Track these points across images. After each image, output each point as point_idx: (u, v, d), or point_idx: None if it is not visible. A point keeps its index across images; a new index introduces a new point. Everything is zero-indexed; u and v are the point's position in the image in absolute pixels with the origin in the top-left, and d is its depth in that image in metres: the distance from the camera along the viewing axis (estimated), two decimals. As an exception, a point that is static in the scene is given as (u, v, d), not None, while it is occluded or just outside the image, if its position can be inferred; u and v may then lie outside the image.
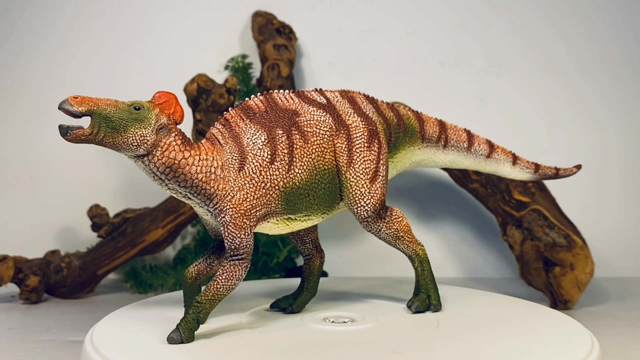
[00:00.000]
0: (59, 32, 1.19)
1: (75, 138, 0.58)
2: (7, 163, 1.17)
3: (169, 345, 0.60)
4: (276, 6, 1.21)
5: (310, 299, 0.75)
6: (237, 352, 0.59)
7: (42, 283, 0.96)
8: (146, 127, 0.59)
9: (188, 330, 0.61)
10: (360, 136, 0.69)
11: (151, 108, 0.60)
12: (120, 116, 0.59)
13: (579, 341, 0.62)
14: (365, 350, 0.60)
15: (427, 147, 0.77)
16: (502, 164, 0.80)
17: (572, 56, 1.22)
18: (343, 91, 0.72)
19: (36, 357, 0.71)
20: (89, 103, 0.58)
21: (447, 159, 0.79)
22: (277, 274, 1.04)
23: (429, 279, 0.73)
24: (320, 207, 0.68)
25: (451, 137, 0.78)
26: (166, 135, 0.61)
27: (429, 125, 0.77)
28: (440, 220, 1.19)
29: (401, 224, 0.71)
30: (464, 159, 0.79)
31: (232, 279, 0.62)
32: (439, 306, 0.72)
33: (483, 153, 0.79)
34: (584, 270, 0.93)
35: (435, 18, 1.22)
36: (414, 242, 0.72)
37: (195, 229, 1.13)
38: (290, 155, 0.64)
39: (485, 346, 0.61)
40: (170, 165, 0.61)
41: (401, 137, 0.75)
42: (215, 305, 0.62)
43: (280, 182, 0.64)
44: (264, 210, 0.63)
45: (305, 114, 0.67)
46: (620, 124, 1.20)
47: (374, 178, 0.69)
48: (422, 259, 0.73)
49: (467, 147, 0.79)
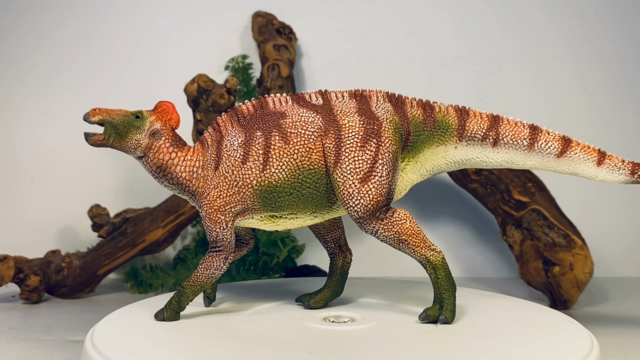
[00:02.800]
0: (59, 32, 1.19)
1: (93, 142, 0.70)
2: (7, 163, 1.17)
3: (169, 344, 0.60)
4: (276, 6, 1.21)
5: (331, 297, 0.75)
6: (237, 352, 0.59)
7: (43, 283, 0.96)
8: (140, 133, 0.69)
9: (170, 310, 0.69)
10: (353, 136, 0.68)
11: (147, 116, 0.70)
12: (124, 124, 0.69)
13: (578, 341, 0.63)
14: (365, 350, 0.60)
15: (469, 145, 0.72)
16: (582, 164, 0.72)
17: (572, 56, 1.22)
18: (356, 91, 0.71)
19: (37, 356, 0.71)
20: (101, 114, 0.70)
21: (500, 158, 0.72)
22: (277, 274, 1.04)
23: (443, 288, 0.68)
24: (307, 206, 0.69)
25: (504, 134, 0.71)
26: (158, 139, 0.70)
27: (473, 122, 0.72)
28: (440, 220, 1.19)
29: (402, 227, 0.67)
30: (525, 158, 0.72)
31: (211, 269, 0.68)
32: (449, 319, 0.67)
33: (552, 151, 0.71)
34: (583, 270, 0.93)
35: (435, 18, 1.22)
36: (423, 247, 0.67)
37: (196, 230, 1.13)
38: (266, 155, 0.68)
39: (484, 346, 0.61)
40: (160, 165, 0.70)
41: (426, 135, 0.71)
42: (196, 291, 0.69)
43: (253, 181, 0.68)
44: (239, 207, 0.68)
45: (291, 116, 0.69)
46: (620, 123, 1.20)
47: (366, 178, 0.67)
48: (434, 266, 0.68)
49: (528, 144, 0.71)
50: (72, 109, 1.19)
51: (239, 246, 0.76)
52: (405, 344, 0.61)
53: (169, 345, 0.60)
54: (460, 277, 1.18)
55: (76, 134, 1.18)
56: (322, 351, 0.59)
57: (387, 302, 0.77)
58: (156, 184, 1.17)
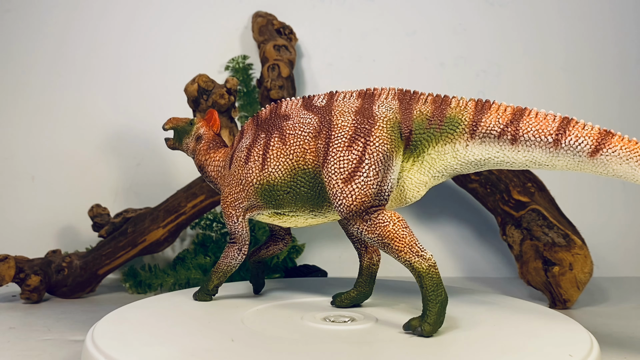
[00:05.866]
0: (59, 32, 1.19)
1: (168, 146, 0.82)
2: (8, 163, 1.17)
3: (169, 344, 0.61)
4: (276, 7, 1.21)
5: (357, 298, 0.75)
6: (237, 351, 0.59)
7: (43, 282, 0.96)
8: (189, 137, 0.80)
9: (201, 293, 0.77)
10: (341, 136, 0.66)
11: (196, 122, 0.80)
12: (182, 130, 0.81)
13: (578, 341, 0.63)
14: (365, 349, 0.60)
15: (483, 143, 0.64)
16: (623, 165, 0.61)
17: (572, 56, 1.22)
18: (367, 89, 0.69)
19: (37, 356, 0.71)
20: (171, 122, 0.81)
21: (523, 158, 0.63)
22: (277, 274, 1.04)
23: (426, 298, 0.62)
24: (305, 204, 0.70)
25: (525, 129, 0.62)
26: (200, 142, 0.80)
27: (491, 117, 0.64)
28: (440, 220, 1.20)
29: (385, 230, 0.63)
30: (551, 158, 0.62)
31: (227, 258, 0.76)
32: (427, 332, 0.62)
33: (584, 149, 0.61)
34: (583, 270, 0.93)
35: (435, 18, 1.22)
36: (408, 252, 0.62)
37: (195, 232, 1.13)
38: (264, 156, 0.71)
39: (484, 346, 0.61)
40: (199, 165, 0.80)
41: (431, 133, 0.65)
42: (219, 276, 0.76)
43: (254, 180, 0.71)
44: (245, 203, 0.73)
45: (293, 118, 0.71)
46: (620, 123, 1.21)
47: (350, 179, 0.64)
48: (418, 273, 0.62)
49: (553, 141, 0.61)
50: (72, 109, 1.19)
51: (275, 241, 0.80)
52: (405, 344, 0.61)
53: (169, 344, 0.60)
54: (460, 277, 1.18)
55: (76, 134, 1.18)
56: (322, 351, 0.59)
57: (387, 302, 0.77)
58: (156, 184, 1.18)
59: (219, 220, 1.11)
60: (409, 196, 0.69)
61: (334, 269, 1.11)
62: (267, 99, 1.06)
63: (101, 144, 1.18)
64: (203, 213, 1.02)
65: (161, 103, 1.19)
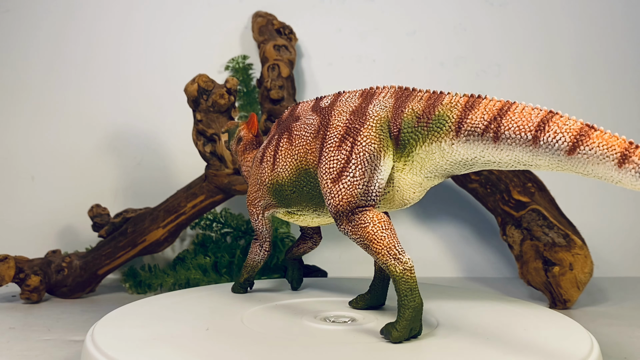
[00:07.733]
0: (59, 32, 1.19)
1: (227, 148, 0.87)
2: (8, 163, 1.17)
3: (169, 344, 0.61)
4: (276, 7, 1.21)
5: (371, 300, 0.74)
6: (237, 351, 0.59)
7: (43, 283, 0.96)
8: (232, 139, 0.85)
9: (235, 286, 0.82)
10: (334, 136, 0.66)
11: (240, 125, 0.85)
12: (231, 133, 0.85)
13: (578, 341, 0.63)
14: (365, 349, 0.60)
15: (468, 141, 0.58)
16: (597, 165, 0.52)
17: (572, 56, 1.22)
18: (370, 88, 0.68)
19: (37, 356, 0.71)
20: (227, 126, 0.87)
21: (506, 157, 0.57)
22: (277, 274, 1.04)
23: (400, 303, 0.60)
24: (309, 204, 0.70)
25: (507, 126, 0.56)
26: (239, 144, 0.84)
27: (477, 113, 0.58)
28: (439, 220, 1.20)
29: (365, 231, 0.61)
30: (532, 157, 0.55)
31: (252, 254, 0.80)
32: (394, 337, 0.60)
33: (561, 147, 0.53)
34: (583, 270, 0.93)
35: (435, 18, 1.22)
36: (385, 255, 0.60)
37: (194, 232, 1.13)
38: (274, 156, 0.73)
39: (484, 346, 0.61)
40: (238, 165, 0.84)
41: (417, 132, 0.62)
42: (248, 270, 0.80)
43: (266, 179, 0.74)
44: (263, 202, 0.76)
45: (301, 119, 0.72)
46: (620, 123, 1.21)
47: (338, 178, 0.63)
48: (395, 277, 0.60)
49: (532, 138, 0.54)
50: (72, 109, 1.19)
51: (304, 240, 0.82)
52: (404, 343, 0.61)
53: (168, 344, 0.60)
54: (459, 276, 1.18)
55: (76, 134, 1.18)
56: (322, 351, 0.59)
57: (387, 302, 0.77)
58: (156, 184, 1.18)
59: (218, 221, 1.11)
60: (407, 197, 0.66)
61: (334, 269, 1.12)
62: (267, 99, 1.06)
63: (101, 144, 1.18)
64: (203, 213, 1.02)
65: (161, 103, 1.19)
